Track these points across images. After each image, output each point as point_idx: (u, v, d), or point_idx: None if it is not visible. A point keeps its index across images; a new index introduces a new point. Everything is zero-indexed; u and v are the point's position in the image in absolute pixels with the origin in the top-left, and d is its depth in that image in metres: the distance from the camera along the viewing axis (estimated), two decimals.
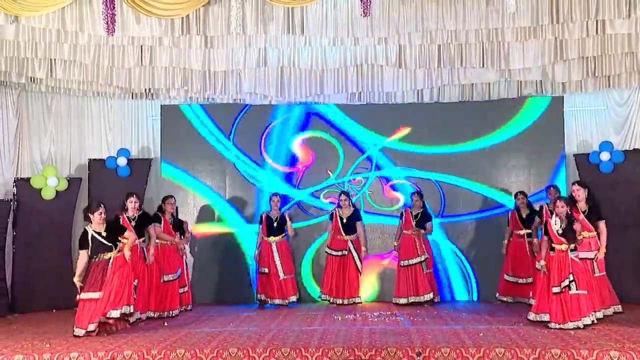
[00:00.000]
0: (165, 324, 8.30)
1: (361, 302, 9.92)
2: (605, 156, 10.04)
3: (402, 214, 9.92)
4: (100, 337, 7.33)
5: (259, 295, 9.82)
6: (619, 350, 6.26)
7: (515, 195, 9.77)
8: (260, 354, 6.50)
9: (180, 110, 10.66)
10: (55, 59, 9.27)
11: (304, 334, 7.37)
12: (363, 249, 9.93)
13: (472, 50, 9.22)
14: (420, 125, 10.52)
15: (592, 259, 7.90)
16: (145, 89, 10.24)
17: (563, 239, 7.51)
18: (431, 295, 9.65)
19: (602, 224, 7.94)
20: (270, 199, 9.97)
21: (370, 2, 7.84)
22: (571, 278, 7.43)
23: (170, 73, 9.71)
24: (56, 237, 10.20)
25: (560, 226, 7.56)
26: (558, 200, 7.73)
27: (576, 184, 8.09)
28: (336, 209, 9.96)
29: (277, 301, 9.70)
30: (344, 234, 9.86)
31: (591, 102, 10.60)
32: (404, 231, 9.80)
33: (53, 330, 7.95)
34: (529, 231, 9.51)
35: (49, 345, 6.91)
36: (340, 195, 10.01)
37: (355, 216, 9.98)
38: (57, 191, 10.22)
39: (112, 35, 8.08)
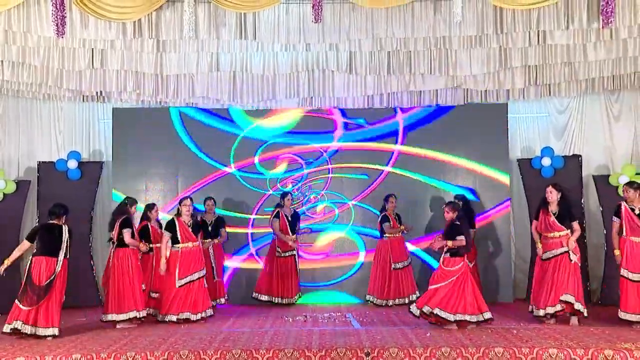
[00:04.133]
0: (118, 325, 8.15)
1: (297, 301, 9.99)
2: (546, 161, 10.30)
3: (385, 217, 9.94)
4: (49, 342, 7.18)
5: None
6: (558, 347, 6.46)
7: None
8: (212, 356, 6.45)
9: (133, 113, 10.49)
10: (2, 61, 9.04)
11: (254, 335, 7.35)
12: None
13: (420, 57, 9.37)
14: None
15: (566, 252, 7.95)
16: (97, 92, 10.06)
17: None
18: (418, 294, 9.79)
19: (575, 224, 8.08)
20: (204, 202, 9.82)
21: (321, 8, 7.91)
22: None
23: (122, 76, 9.57)
24: (3, 240, 9.90)
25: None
26: (444, 206, 8.03)
27: (550, 186, 8.19)
28: (280, 210, 9.99)
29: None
30: (291, 234, 9.90)
31: (533, 109, 10.87)
32: (389, 234, 9.87)
33: None
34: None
35: None
36: (284, 195, 10.01)
37: (298, 216, 10.09)
38: (4, 194, 9.97)
39: (62, 37, 7.93)
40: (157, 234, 9.01)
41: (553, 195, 8.10)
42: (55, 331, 7.41)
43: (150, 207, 9.23)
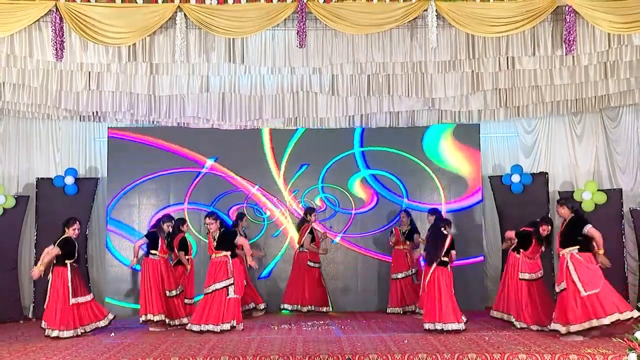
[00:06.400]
0: (112, 334, 8.13)
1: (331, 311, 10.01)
2: (515, 178, 10.43)
3: (391, 231, 10.07)
4: (43, 349, 7.10)
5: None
6: (526, 353, 6.53)
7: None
8: None
9: (127, 131, 10.45)
10: (3, 83, 9.02)
11: (242, 342, 7.34)
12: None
13: (398, 80, 9.46)
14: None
15: None
16: (93, 112, 10.04)
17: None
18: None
19: None
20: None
21: (305, 35, 7.99)
22: None
23: (117, 97, 9.58)
24: (2, 252, 9.83)
25: None
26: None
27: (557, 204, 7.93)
28: (312, 225, 9.95)
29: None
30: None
31: (503, 129, 11.03)
32: (395, 247, 9.94)
33: None
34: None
35: None
36: (311, 211, 9.99)
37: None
38: (4, 209, 9.91)
39: (61, 61, 7.94)
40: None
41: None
42: (54, 333, 7.79)
43: (182, 221, 9.21)
